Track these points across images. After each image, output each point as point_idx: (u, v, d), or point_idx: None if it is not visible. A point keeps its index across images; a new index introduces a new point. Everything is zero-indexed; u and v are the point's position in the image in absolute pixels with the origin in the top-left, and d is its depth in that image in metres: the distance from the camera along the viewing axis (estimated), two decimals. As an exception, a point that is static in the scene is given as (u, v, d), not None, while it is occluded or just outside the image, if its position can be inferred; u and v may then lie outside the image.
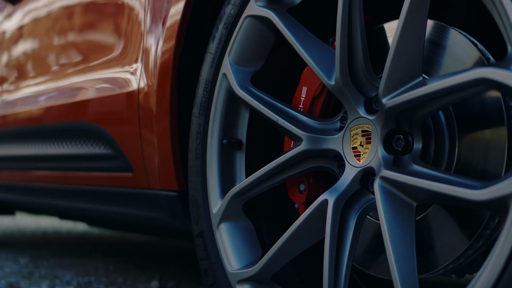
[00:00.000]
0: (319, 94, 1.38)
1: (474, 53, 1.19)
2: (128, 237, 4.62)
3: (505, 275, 0.94)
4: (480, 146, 1.16)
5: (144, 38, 1.81)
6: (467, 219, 1.18)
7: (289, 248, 1.32)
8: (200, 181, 1.52)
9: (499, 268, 0.95)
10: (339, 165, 1.31)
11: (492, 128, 1.15)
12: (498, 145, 1.14)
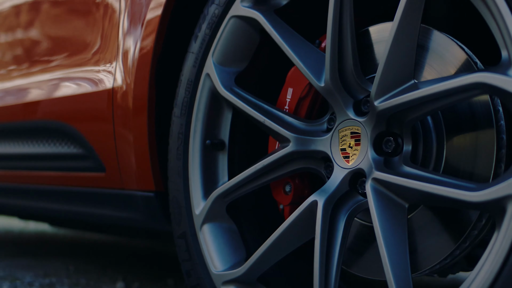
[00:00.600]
0: (306, 95, 1.39)
1: (460, 55, 1.22)
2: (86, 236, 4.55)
3: (503, 274, 0.96)
4: (469, 148, 1.19)
5: (120, 36, 1.79)
6: (455, 221, 1.21)
7: (277, 249, 1.32)
8: (182, 182, 1.51)
9: (497, 268, 0.97)
10: (327, 166, 1.32)
11: (481, 131, 1.17)
12: (486, 148, 1.16)
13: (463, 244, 1.21)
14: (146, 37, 1.66)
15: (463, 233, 1.20)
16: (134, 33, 1.71)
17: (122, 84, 1.75)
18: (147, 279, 2.71)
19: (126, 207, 1.83)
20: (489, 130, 1.16)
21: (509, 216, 0.97)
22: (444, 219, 1.22)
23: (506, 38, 0.99)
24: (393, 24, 1.13)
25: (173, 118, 1.56)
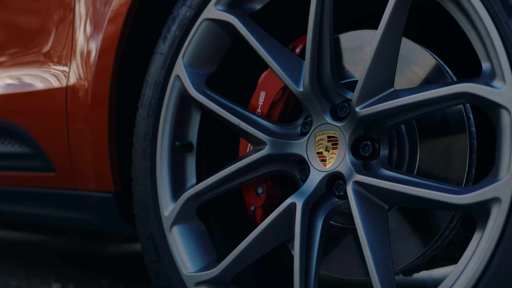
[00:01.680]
0: (279, 99, 1.42)
1: (431, 62, 1.28)
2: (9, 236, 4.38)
3: (488, 272, 1.03)
4: (442, 153, 1.25)
5: (77, 33, 1.75)
6: (428, 222, 1.27)
7: (253, 250, 1.35)
8: (150, 183, 1.51)
9: (482, 266, 1.04)
10: (301, 169, 1.36)
11: (454, 136, 1.24)
12: (459, 153, 1.23)
13: (435, 244, 1.27)
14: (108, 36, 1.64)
15: (436, 234, 1.26)
16: (93, 31, 1.69)
17: (79, 82, 1.72)
18: (82, 280, 2.67)
19: (79, 208, 1.80)
20: (462, 136, 1.23)
21: (493, 217, 1.04)
22: (417, 220, 1.29)
23: (491, 52, 1.05)
24: (377, 33, 1.18)
25: (139, 119, 1.55)
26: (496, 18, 1.04)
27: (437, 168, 1.26)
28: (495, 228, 1.03)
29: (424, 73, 1.30)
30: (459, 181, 1.23)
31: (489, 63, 1.08)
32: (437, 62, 1.29)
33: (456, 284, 1.07)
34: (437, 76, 1.29)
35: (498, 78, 1.05)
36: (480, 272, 1.04)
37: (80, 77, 1.72)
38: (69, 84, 1.76)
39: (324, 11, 1.27)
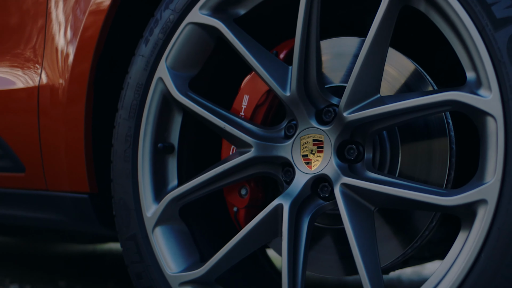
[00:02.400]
0: (263, 103, 1.46)
1: (411, 68, 1.35)
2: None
3: (475, 270, 1.10)
4: (423, 157, 1.32)
5: (50, 32, 1.75)
6: (410, 222, 1.34)
7: (239, 250, 1.38)
8: (131, 184, 1.52)
9: (469, 264, 1.10)
10: (286, 171, 1.40)
11: (435, 140, 1.31)
12: (440, 157, 1.30)
13: (415, 244, 1.34)
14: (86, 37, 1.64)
15: (417, 234, 1.33)
16: (69, 31, 1.69)
17: (53, 81, 1.71)
18: (38, 281, 2.63)
19: (51, 209, 1.79)
20: (443, 140, 1.30)
21: (480, 218, 1.10)
22: (399, 221, 1.35)
23: (477, 62, 1.12)
24: (365, 42, 1.23)
25: (119, 120, 1.55)
26: (483, 31, 1.11)
27: (419, 171, 1.32)
28: (482, 228, 1.09)
29: (404, 78, 1.36)
30: (440, 183, 1.30)
31: (474, 72, 1.14)
32: (416, 67, 1.36)
33: (444, 280, 1.13)
34: (416, 80, 1.35)
35: (484, 87, 1.11)
36: (468, 268, 1.10)
37: (54, 76, 1.71)
38: (41, 84, 1.75)
39: (312, 19, 1.31)
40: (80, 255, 3.62)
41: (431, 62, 1.54)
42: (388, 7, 1.21)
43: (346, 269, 1.49)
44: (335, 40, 1.46)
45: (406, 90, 1.37)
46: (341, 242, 1.47)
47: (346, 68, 1.46)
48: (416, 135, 1.34)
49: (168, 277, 1.45)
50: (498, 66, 1.09)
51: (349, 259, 1.48)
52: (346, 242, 1.44)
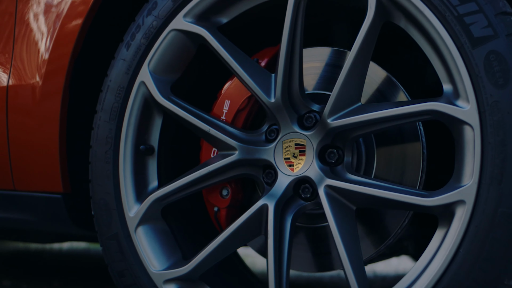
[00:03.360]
0: (244, 108, 1.53)
1: (383, 76, 1.47)
2: None
3: (454, 264, 1.22)
4: (397, 160, 1.43)
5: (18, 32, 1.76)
6: (384, 221, 1.45)
7: (223, 248, 1.45)
8: (113, 185, 1.56)
9: (449, 259, 1.22)
10: (267, 173, 1.48)
11: (408, 145, 1.43)
12: (413, 161, 1.42)
13: (389, 240, 1.45)
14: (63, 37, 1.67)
15: (392, 232, 1.44)
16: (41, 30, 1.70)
17: (24, 81, 1.72)
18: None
19: (20, 210, 1.80)
20: (416, 145, 1.42)
21: (458, 217, 1.22)
22: (374, 220, 1.46)
23: (456, 76, 1.24)
24: (350, 54, 1.33)
25: (99, 122, 1.59)
26: (462, 48, 1.23)
27: (393, 174, 1.43)
28: (461, 226, 1.21)
29: (376, 84, 1.48)
30: (414, 185, 1.42)
31: (451, 85, 1.26)
32: (387, 75, 1.47)
33: (426, 272, 1.25)
34: (388, 87, 1.47)
35: (462, 99, 1.23)
36: (448, 261, 1.22)
37: (25, 76, 1.72)
38: (11, 83, 1.75)
39: (296, 30, 1.40)
40: (25, 254, 3.57)
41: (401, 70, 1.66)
42: (372, 23, 1.31)
43: (318, 266, 1.59)
44: (307, 50, 1.55)
45: (378, 95, 1.49)
46: (315, 240, 1.57)
47: (318, 76, 1.56)
48: (390, 141, 1.45)
49: (152, 275, 1.50)
50: (475, 80, 1.21)
51: (321, 256, 1.58)
52: (319, 240, 1.55)
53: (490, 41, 1.21)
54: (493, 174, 1.19)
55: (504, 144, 1.18)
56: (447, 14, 1.24)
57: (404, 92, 1.47)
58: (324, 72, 1.57)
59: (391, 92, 1.48)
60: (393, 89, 1.48)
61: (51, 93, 1.68)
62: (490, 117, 1.20)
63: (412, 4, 1.27)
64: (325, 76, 1.56)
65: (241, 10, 1.51)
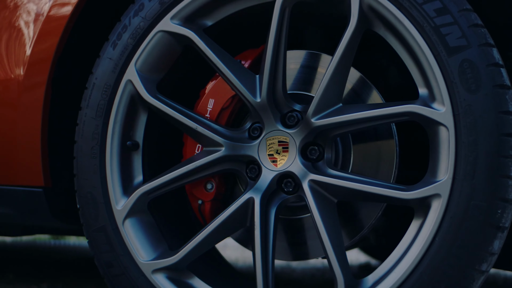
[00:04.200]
0: (228, 106, 1.62)
1: (357, 75, 1.58)
2: None
3: (430, 252, 1.35)
4: (373, 157, 1.56)
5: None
6: (360, 213, 1.57)
7: (210, 239, 1.54)
8: (100, 179, 1.61)
9: (425, 248, 1.35)
10: (251, 168, 1.57)
11: (383, 143, 1.55)
12: (388, 157, 1.55)
13: (364, 231, 1.58)
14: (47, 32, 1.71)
15: (367, 223, 1.57)
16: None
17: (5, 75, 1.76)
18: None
19: None
20: (390, 143, 1.55)
21: (434, 209, 1.35)
22: (350, 212, 1.58)
23: (432, 81, 1.37)
24: (333, 59, 1.44)
25: (84, 119, 1.64)
26: (438, 56, 1.35)
27: (369, 170, 1.56)
28: (436, 217, 1.34)
29: (351, 84, 1.60)
30: (388, 180, 1.54)
31: (427, 89, 1.39)
32: (361, 75, 1.59)
33: (405, 259, 1.37)
34: (362, 87, 1.59)
35: (437, 102, 1.36)
36: (425, 249, 1.35)
37: (6, 69, 1.76)
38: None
39: (282, 34, 1.50)
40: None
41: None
42: (354, 30, 1.42)
43: (294, 255, 1.70)
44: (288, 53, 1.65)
45: (353, 94, 1.60)
46: (291, 231, 1.68)
47: (293, 78, 1.66)
48: (366, 139, 1.57)
49: (140, 265, 1.57)
50: (450, 86, 1.34)
51: (297, 246, 1.69)
52: (295, 231, 1.66)
53: (464, 50, 1.34)
54: (466, 171, 1.32)
55: (476, 143, 1.32)
56: (425, 25, 1.36)
57: (377, 91, 1.59)
58: (300, 73, 1.67)
59: (365, 91, 1.60)
60: (367, 88, 1.60)
61: (34, 88, 1.72)
62: (464, 119, 1.33)
63: (393, 15, 1.39)
64: (301, 77, 1.66)
65: (226, 14, 1.59)
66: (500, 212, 1.31)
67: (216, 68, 1.55)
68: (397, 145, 1.55)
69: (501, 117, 1.31)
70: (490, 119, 1.31)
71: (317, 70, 1.65)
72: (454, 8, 1.36)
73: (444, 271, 1.33)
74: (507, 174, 1.31)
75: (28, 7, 1.76)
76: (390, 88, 1.88)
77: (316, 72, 1.65)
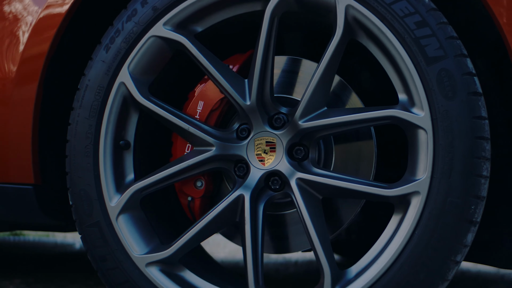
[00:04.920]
0: (217, 108, 1.71)
1: (337, 79, 1.70)
2: None
3: (411, 242, 1.47)
4: (354, 156, 1.67)
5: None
6: (340, 209, 1.69)
7: (202, 234, 1.63)
8: (93, 177, 1.68)
9: (406, 240, 1.48)
10: (239, 167, 1.67)
11: (363, 144, 1.67)
12: (367, 157, 1.67)
13: (344, 226, 1.69)
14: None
15: (348, 218, 1.68)
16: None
17: None
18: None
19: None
20: (370, 144, 1.67)
21: (413, 205, 1.48)
22: (332, 208, 1.69)
23: (412, 88, 1.49)
24: (320, 66, 1.54)
25: (77, 119, 1.70)
26: (418, 66, 1.48)
27: (350, 168, 1.68)
28: (416, 213, 1.47)
29: (332, 87, 1.71)
30: (367, 178, 1.66)
31: (406, 95, 1.51)
32: (340, 79, 1.71)
33: (387, 250, 1.49)
34: (342, 90, 1.71)
35: (417, 107, 1.49)
36: (406, 242, 1.47)
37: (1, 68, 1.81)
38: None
39: (270, 41, 1.60)
40: None
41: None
42: (339, 40, 1.53)
43: (275, 248, 1.81)
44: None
45: (333, 96, 1.72)
46: (273, 226, 1.78)
47: (276, 82, 1.76)
48: (347, 139, 1.69)
49: (134, 259, 1.65)
50: (429, 93, 1.47)
51: (279, 240, 1.80)
52: (277, 226, 1.76)
53: (441, 60, 1.47)
54: (444, 170, 1.45)
55: (453, 145, 1.45)
56: (406, 36, 1.49)
57: (356, 94, 1.71)
58: (282, 78, 1.77)
59: (344, 93, 1.72)
60: (346, 91, 1.71)
61: (27, 87, 1.78)
62: (441, 123, 1.46)
63: (376, 26, 1.51)
64: (283, 81, 1.77)
65: (216, 21, 1.68)
66: (473, 208, 1.45)
67: (207, 73, 1.64)
68: (376, 145, 1.67)
69: (475, 121, 1.45)
70: (465, 123, 1.45)
71: (298, 74, 1.76)
72: (432, 21, 1.48)
73: (423, 262, 1.46)
74: (480, 173, 1.44)
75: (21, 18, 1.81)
76: (367, 90, 2.00)
77: (297, 76, 1.76)
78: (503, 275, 3.15)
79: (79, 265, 3.13)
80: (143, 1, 1.67)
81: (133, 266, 1.65)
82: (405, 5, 1.49)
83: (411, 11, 1.49)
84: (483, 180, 1.45)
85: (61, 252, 3.78)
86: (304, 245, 1.75)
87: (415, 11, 1.49)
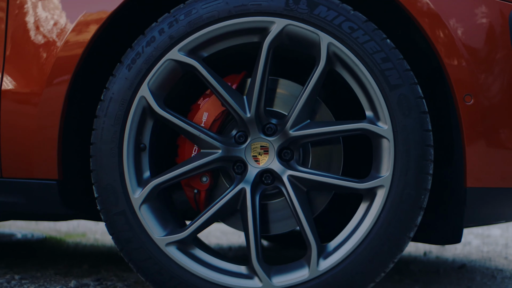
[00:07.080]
0: (219, 118, 2.13)
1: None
2: None
3: (377, 224, 1.97)
4: (326, 157, 2.15)
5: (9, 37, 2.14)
6: (316, 199, 2.16)
7: (211, 219, 2.05)
8: (118, 174, 2.05)
9: (372, 225, 1.97)
10: (238, 166, 2.09)
11: (334, 147, 2.15)
12: (337, 157, 2.15)
13: (318, 212, 2.17)
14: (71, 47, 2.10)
15: (321, 206, 2.16)
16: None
17: (18, 84, 2.12)
18: None
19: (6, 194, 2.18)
20: (339, 148, 2.15)
21: (379, 196, 1.97)
22: (309, 198, 2.16)
23: (378, 107, 1.98)
24: (307, 89, 2.00)
25: (103, 126, 2.06)
26: (383, 91, 1.97)
27: (323, 167, 2.15)
28: (381, 201, 1.97)
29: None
30: (338, 174, 2.14)
31: (372, 112, 2.00)
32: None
33: (359, 229, 1.98)
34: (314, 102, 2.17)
35: (381, 122, 1.98)
36: (374, 222, 1.97)
37: (20, 79, 2.12)
38: (4, 88, 2.13)
39: (267, 65, 2.03)
40: None
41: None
42: (322, 70, 2.00)
43: (265, 230, 2.25)
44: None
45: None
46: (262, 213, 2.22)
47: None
48: (320, 144, 2.16)
49: (156, 240, 2.04)
50: (391, 111, 1.97)
51: (265, 224, 2.24)
52: (265, 213, 2.20)
53: (400, 87, 1.97)
54: (402, 169, 1.96)
55: (409, 151, 1.95)
56: (374, 68, 1.98)
57: (325, 106, 2.18)
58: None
59: (317, 106, 2.18)
60: (317, 103, 2.18)
61: (55, 100, 2.11)
62: (400, 134, 1.96)
63: (351, 60, 1.99)
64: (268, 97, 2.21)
65: (220, 48, 2.09)
66: (423, 198, 1.97)
67: (213, 90, 2.05)
68: (343, 149, 2.16)
69: (424, 133, 1.96)
70: (417, 134, 1.96)
71: (276, 91, 2.20)
72: (393, 57, 1.98)
73: (387, 238, 1.96)
74: (428, 172, 1.96)
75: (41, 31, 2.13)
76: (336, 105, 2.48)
77: (276, 92, 2.20)
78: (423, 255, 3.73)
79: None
80: (160, 30, 2.06)
81: (154, 246, 2.04)
82: (374, 45, 1.98)
83: (378, 49, 1.98)
84: (429, 176, 1.97)
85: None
86: (287, 227, 2.19)
87: (381, 49, 1.98)
